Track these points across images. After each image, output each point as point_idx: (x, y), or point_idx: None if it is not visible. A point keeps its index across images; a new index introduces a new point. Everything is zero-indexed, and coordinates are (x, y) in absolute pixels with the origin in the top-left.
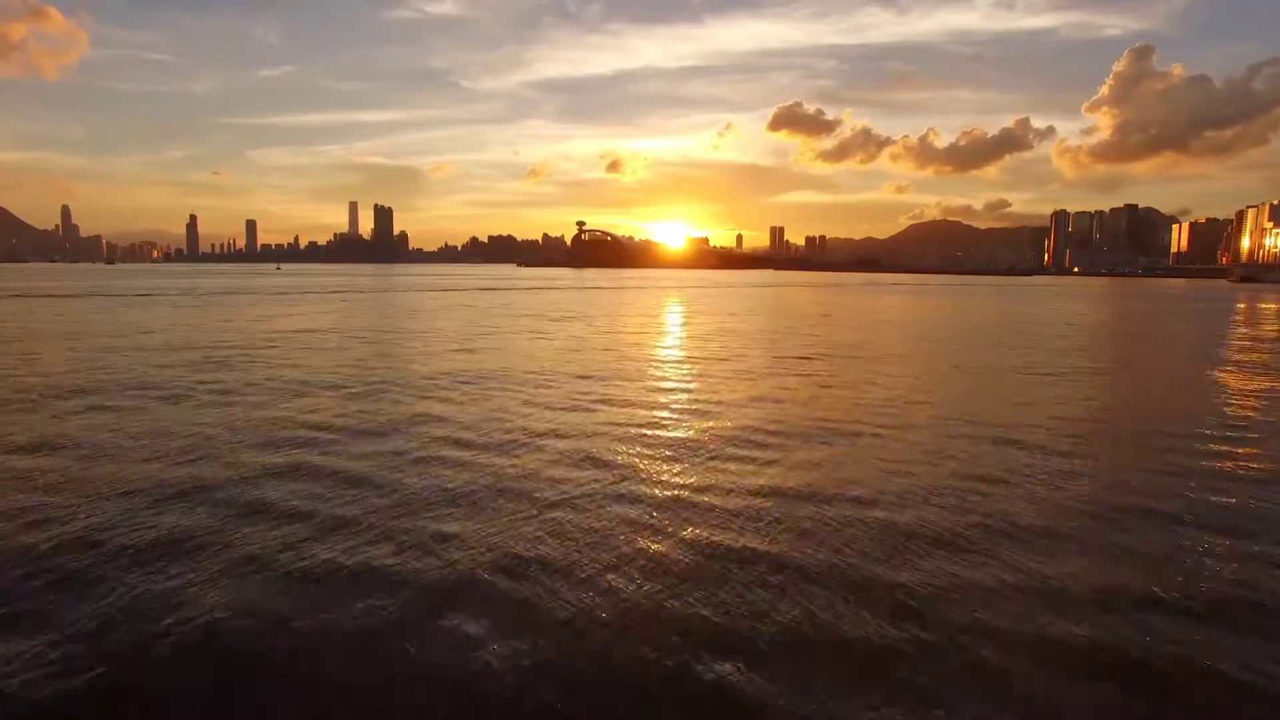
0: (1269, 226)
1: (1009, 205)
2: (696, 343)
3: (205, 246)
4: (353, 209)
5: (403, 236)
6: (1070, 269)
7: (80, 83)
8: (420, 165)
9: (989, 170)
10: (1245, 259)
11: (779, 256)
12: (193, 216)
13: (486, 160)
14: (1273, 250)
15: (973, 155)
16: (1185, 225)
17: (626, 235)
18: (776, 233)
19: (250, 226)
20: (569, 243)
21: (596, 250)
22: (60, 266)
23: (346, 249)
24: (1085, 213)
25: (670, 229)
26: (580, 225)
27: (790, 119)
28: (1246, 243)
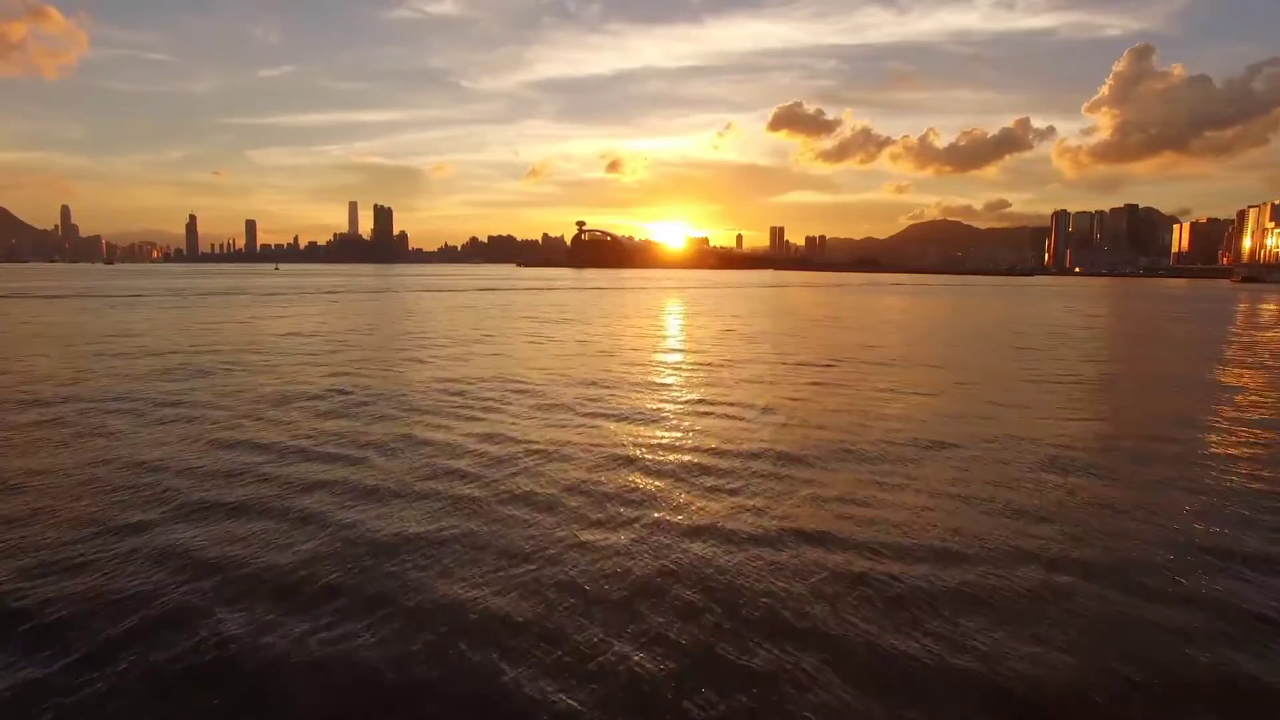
0: (1270, 226)
1: (1009, 205)
2: (702, 347)
3: (205, 247)
4: (352, 209)
5: (402, 236)
6: (1071, 269)
7: (80, 83)
8: (420, 165)
9: (989, 170)
10: (1246, 259)
11: (779, 257)
12: (192, 217)
13: (486, 160)
14: (1274, 250)
15: (973, 155)
16: (1186, 225)
17: (626, 235)
18: (776, 233)
19: (250, 227)
20: (569, 243)
21: (596, 250)
22: (59, 266)
23: (346, 249)
24: (1086, 213)
25: (670, 229)
26: (580, 225)
27: (790, 119)
28: (1248, 243)
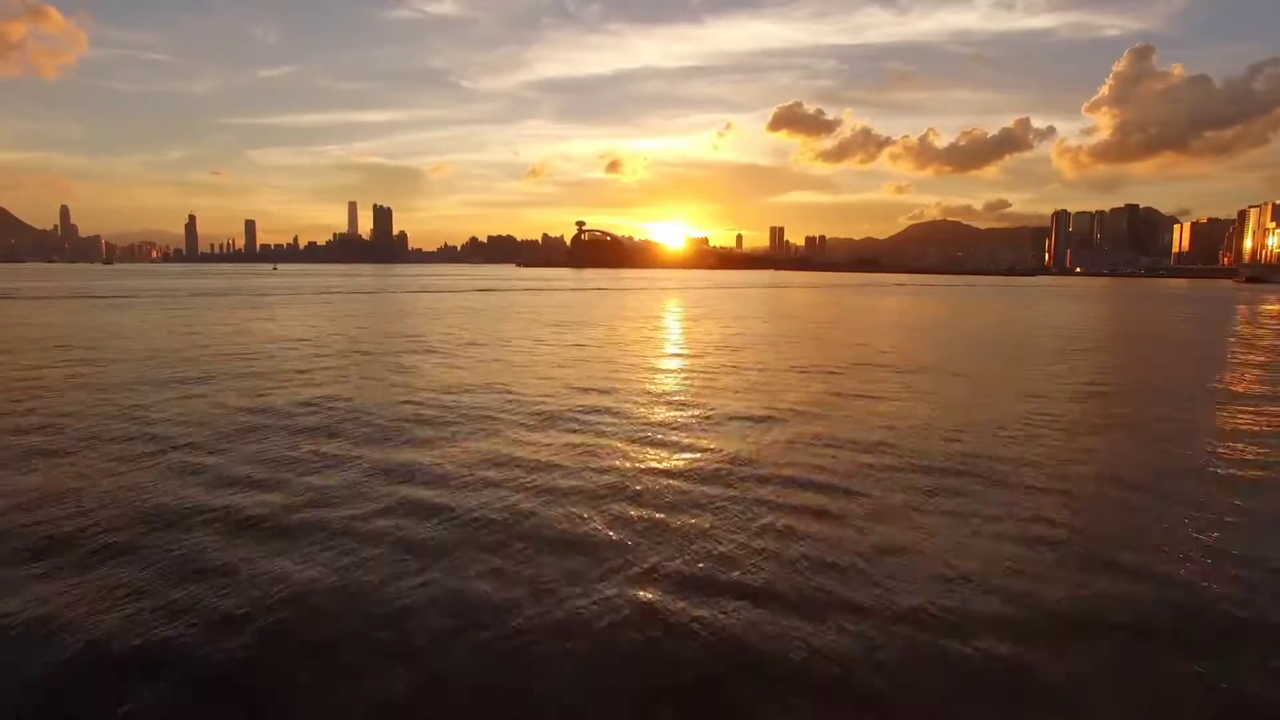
0: (1272, 226)
1: (1009, 205)
2: (708, 352)
3: (205, 247)
4: (352, 209)
5: (402, 236)
6: (1072, 269)
7: (79, 82)
8: (420, 165)
9: (989, 170)
10: (1248, 259)
11: (779, 257)
12: (192, 217)
13: (486, 160)
14: (1275, 250)
15: (973, 155)
16: (1186, 225)
17: (626, 235)
18: (776, 233)
19: (250, 227)
20: (568, 243)
21: (596, 250)
22: (58, 267)
23: (346, 249)
24: (1086, 213)
25: (670, 229)
26: (580, 225)
27: (790, 119)
28: (1249, 243)
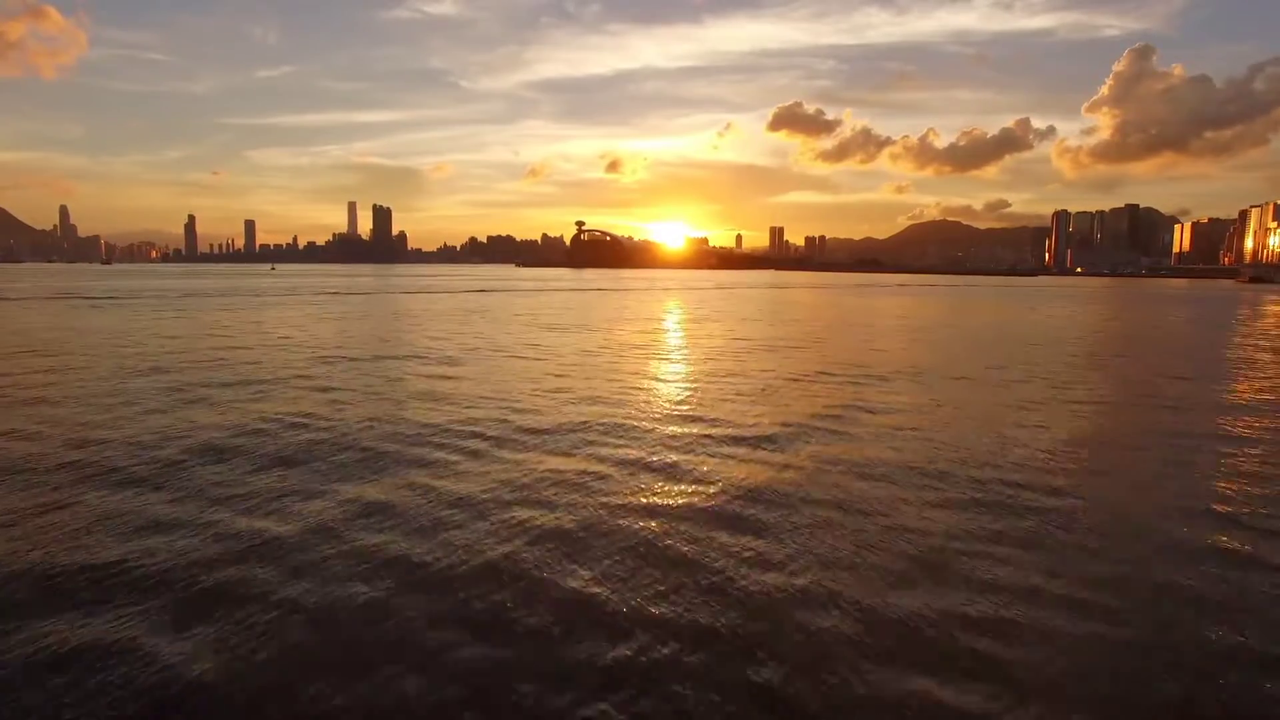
0: (1273, 226)
1: (1009, 205)
2: (715, 357)
3: (204, 247)
4: (351, 209)
5: (401, 237)
6: (1073, 269)
7: (79, 82)
8: (419, 165)
9: (989, 170)
10: (1249, 259)
11: (779, 257)
12: (191, 217)
13: (486, 160)
14: (1277, 250)
15: (972, 155)
16: (1187, 225)
17: (626, 235)
18: (776, 233)
19: (249, 227)
20: (568, 243)
21: (596, 250)
22: (56, 267)
23: (345, 249)
24: (1086, 213)
25: (669, 229)
26: (579, 225)
27: (790, 119)
28: (1250, 243)
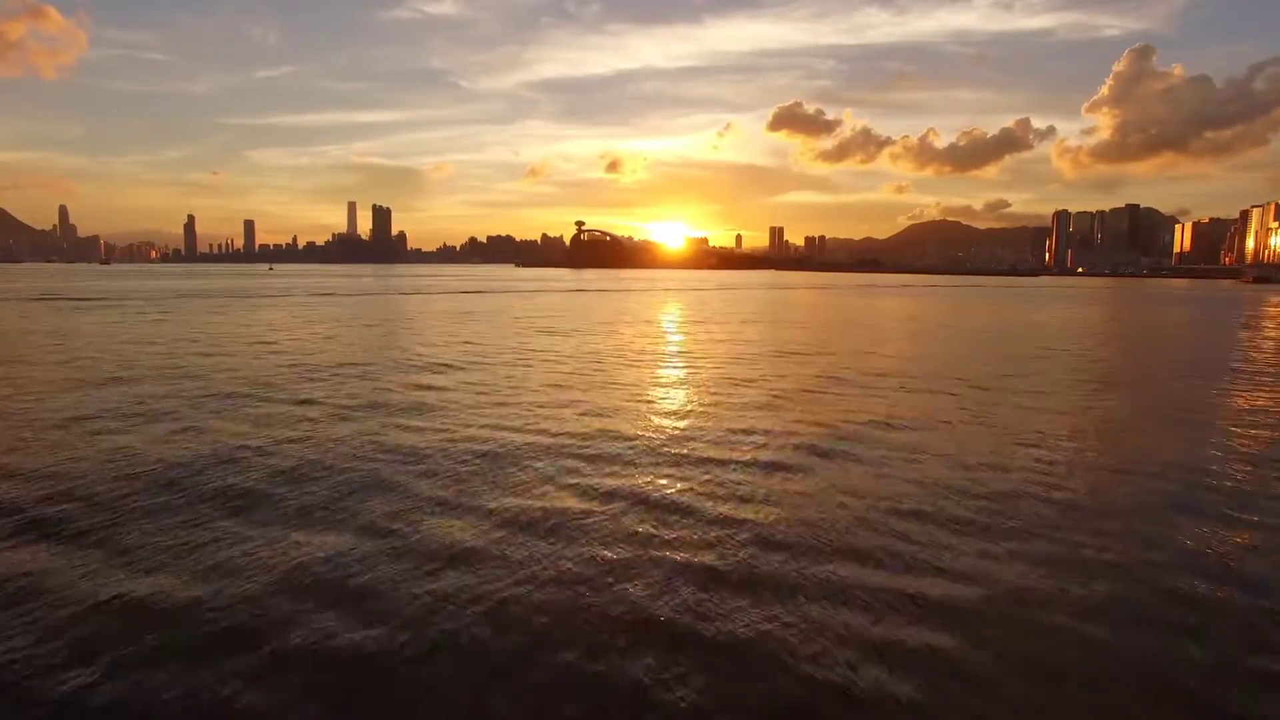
0: (1275, 226)
1: (1009, 205)
2: (721, 365)
3: (203, 247)
4: (351, 209)
5: (401, 237)
6: (1074, 269)
7: (78, 82)
8: (419, 165)
9: (989, 170)
10: (1250, 259)
11: (779, 257)
12: (191, 217)
13: (485, 160)
14: (1278, 250)
15: (972, 155)
16: (1188, 225)
17: (626, 235)
18: (776, 233)
19: (249, 227)
20: (568, 243)
21: (595, 250)
22: (55, 267)
23: (345, 249)
24: (1086, 213)
25: (669, 229)
26: (579, 225)
27: (790, 119)
28: (1251, 243)
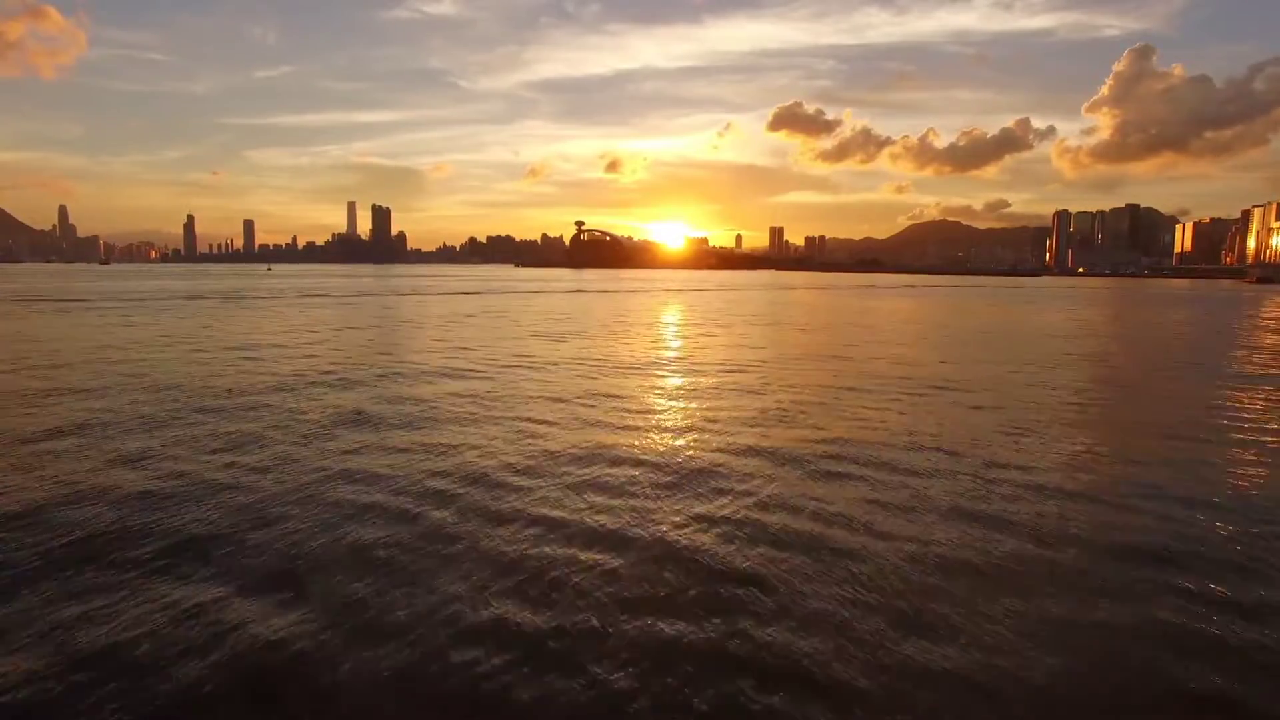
0: (1276, 226)
1: (1008, 205)
2: (731, 371)
3: (203, 247)
4: (351, 209)
5: (401, 237)
6: (1074, 269)
7: (78, 82)
8: (419, 165)
9: (989, 170)
10: (1251, 259)
11: (779, 257)
12: (190, 217)
13: (485, 160)
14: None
15: (972, 155)
16: (1189, 225)
17: (625, 235)
18: (776, 233)
19: (248, 227)
20: (567, 243)
21: (595, 250)
22: (53, 267)
23: (344, 249)
24: (1087, 213)
25: (669, 229)
26: (579, 225)
27: (790, 119)
28: (1253, 243)
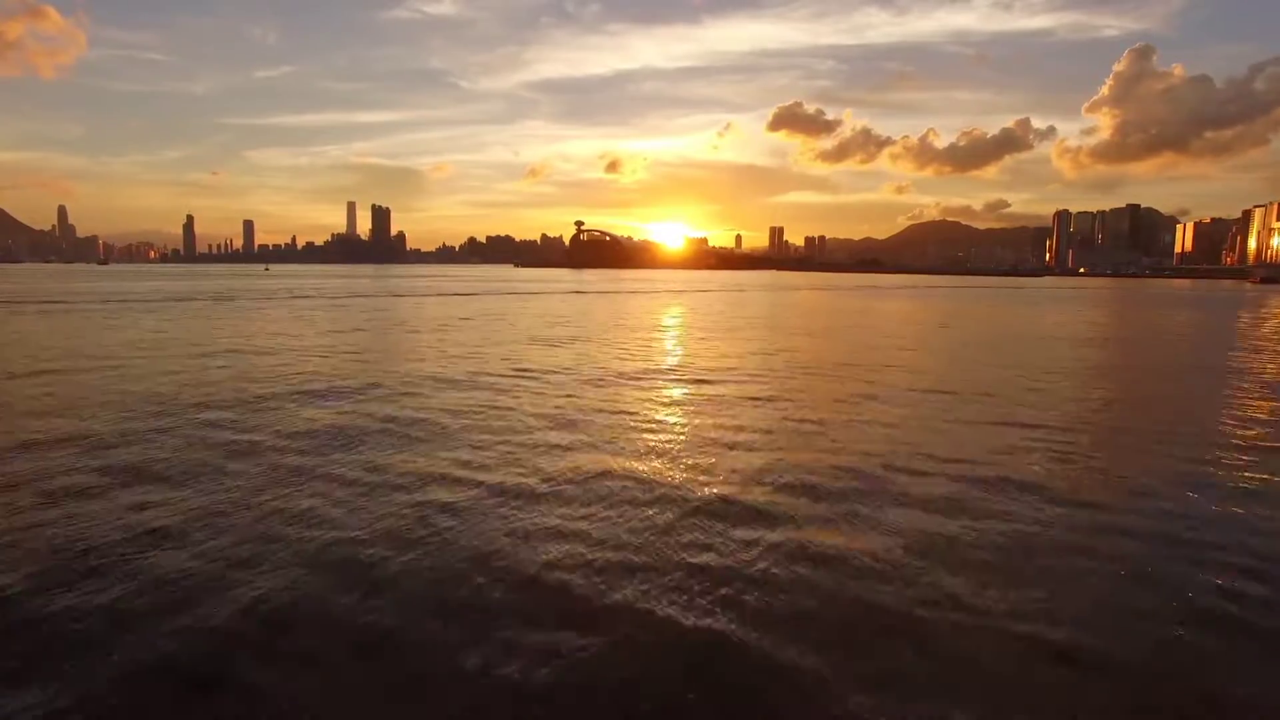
0: (1277, 226)
1: (1008, 205)
2: (745, 380)
3: (202, 247)
4: (350, 209)
5: (400, 237)
6: (1075, 270)
7: (78, 82)
8: (419, 166)
9: (989, 170)
10: (1253, 259)
11: (779, 257)
12: (190, 217)
13: (485, 160)
14: None
15: (972, 155)
16: (1189, 225)
17: (625, 235)
18: (776, 233)
19: (248, 227)
20: (567, 243)
21: (595, 250)
22: (52, 267)
23: (344, 249)
24: (1087, 213)
25: (669, 229)
26: (579, 225)
27: (790, 119)
28: (1254, 243)
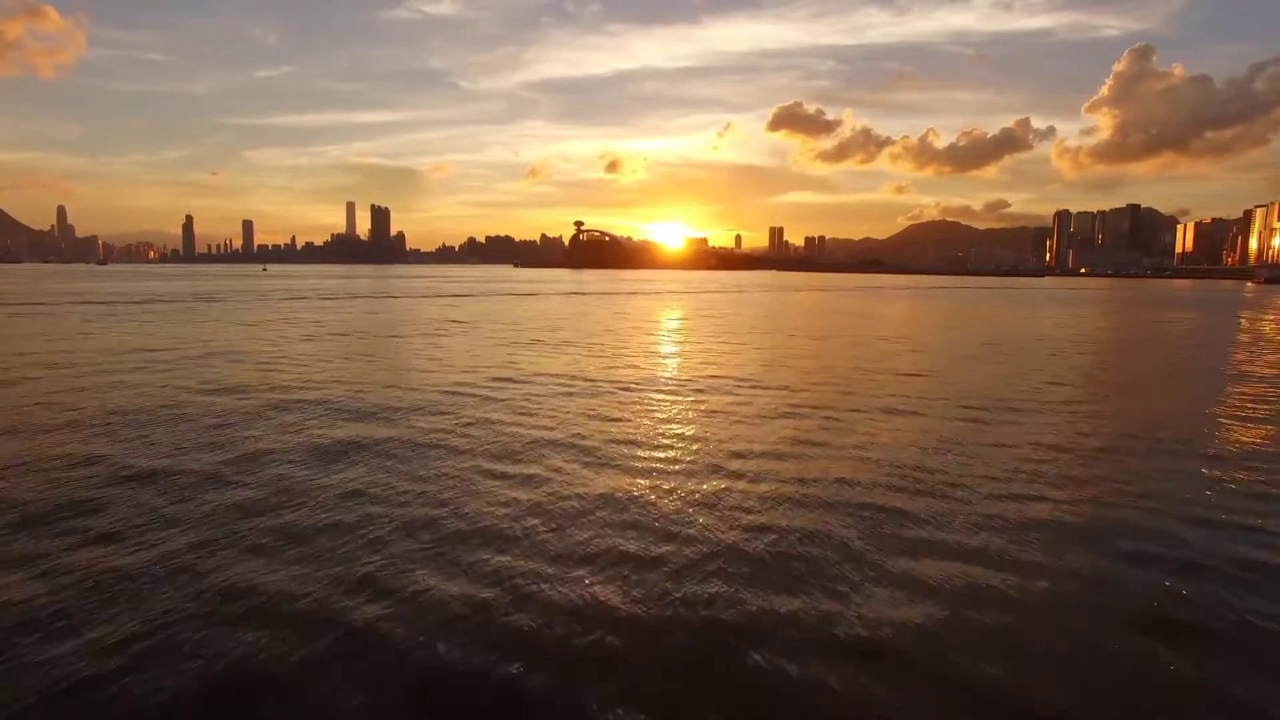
0: (1278, 226)
1: (1008, 205)
2: (761, 385)
3: (202, 247)
4: (350, 209)
5: (400, 237)
6: (1076, 270)
7: (77, 82)
8: (419, 166)
9: (988, 170)
10: (1253, 259)
11: (779, 257)
12: (189, 217)
13: (485, 161)
14: None
15: (972, 155)
16: (1190, 225)
17: (625, 236)
18: (775, 233)
19: (247, 227)
20: (567, 243)
21: (595, 251)
22: (51, 267)
23: (343, 250)
24: (1088, 213)
25: (669, 229)
26: (578, 225)
27: (790, 119)
28: (1254, 243)
